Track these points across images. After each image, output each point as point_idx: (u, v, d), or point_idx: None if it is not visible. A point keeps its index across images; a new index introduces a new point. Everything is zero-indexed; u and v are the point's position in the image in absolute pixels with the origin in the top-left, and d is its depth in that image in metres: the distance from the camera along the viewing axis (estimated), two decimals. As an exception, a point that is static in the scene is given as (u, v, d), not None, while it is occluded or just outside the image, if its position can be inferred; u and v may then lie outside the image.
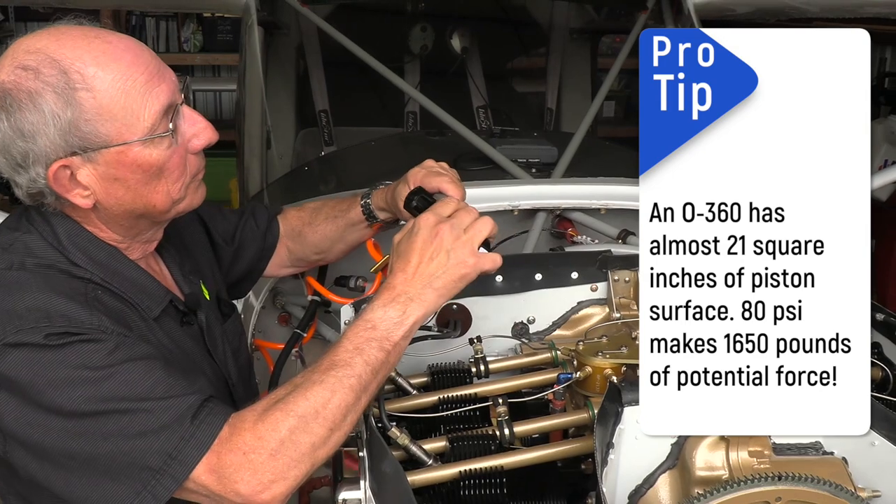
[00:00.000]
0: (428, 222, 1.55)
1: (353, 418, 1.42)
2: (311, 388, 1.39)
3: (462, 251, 1.52)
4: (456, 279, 1.52)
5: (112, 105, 1.42)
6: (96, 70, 1.42)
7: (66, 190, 1.46)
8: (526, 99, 4.97)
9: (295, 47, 4.04)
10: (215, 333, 1.71)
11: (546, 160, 2.82)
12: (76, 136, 1.42)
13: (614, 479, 1.39)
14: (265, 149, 3.49)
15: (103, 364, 1.35)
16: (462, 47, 4.10)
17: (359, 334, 1.46)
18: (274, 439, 1.34)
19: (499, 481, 1.47)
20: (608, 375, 1.62)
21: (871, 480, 1.39)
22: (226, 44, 6.71)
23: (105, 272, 1.51)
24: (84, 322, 1.38)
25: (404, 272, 1.51)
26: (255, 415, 1.37)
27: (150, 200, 1.52)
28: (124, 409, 1.34)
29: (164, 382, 1.38)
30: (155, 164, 1.48)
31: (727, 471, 1.35)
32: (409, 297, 1.49)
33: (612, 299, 1.93)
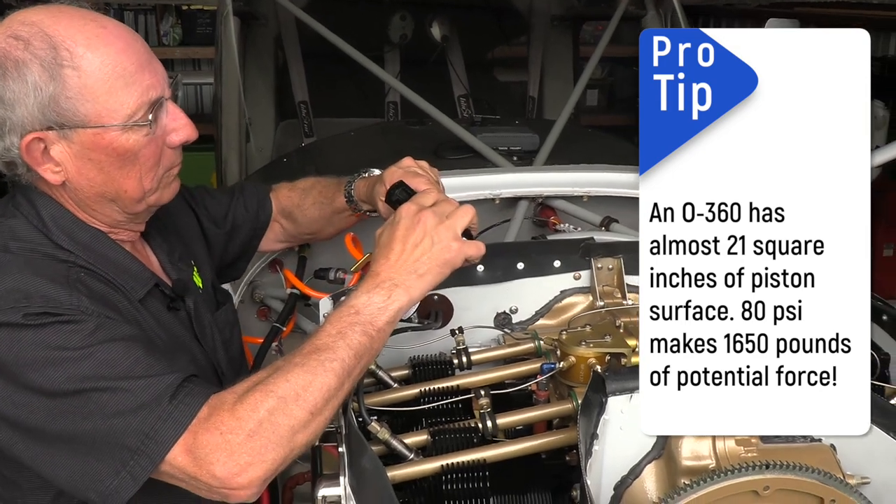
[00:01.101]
0: (410, 211, 1.54)
1: (334, 404, 1.39)
2: (292, 370, 1.37)
3: (445, 236, 1.51)
4: (440, 265, 1.51)
5: (96, 87, 1.43)
6: (86, 51, 1.43)
7: (37, 163, 1.47)
8: (508, 88, 4.95)
9: (273, 38, 4.01)
10: (204, 321, 1.70)
11: (528, 148, 2.81)
12: (54, 111, 1.43)
13: (599, 471, 1.36)
14: (243, 142, 3.45)
15: (82, 344, 1.35)
16: (442, 36, 4.08)
17: (342, 319, 1.44)
18: (252, 420, 1.31)
19: (482, 475, 1.45)
20: (592, 365, 1.59)
21: (860, 467, 1.36)
22: (205, 37, 6.66)
23: (89, 254, 1.51)
24: (63, 302, 1.37)
25: (387, 259, 1.50)
26: (234, 396, 1.35)
27: (121, 185, 1.52)
28: (103, 388, 1.33)
29: (143, 362, 1.36)
30: (130, 149, 1.48)
31: (714, 460, 1.33)
32: (393, 284, 1.47)
33: (595, 287, 1.90)
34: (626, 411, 1.35)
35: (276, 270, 2.42)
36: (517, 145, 2.82)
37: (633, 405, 1.35)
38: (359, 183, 1.97)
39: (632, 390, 1.35)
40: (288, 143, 3.93)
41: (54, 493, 1.46)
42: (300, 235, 2.16)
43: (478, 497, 1.44)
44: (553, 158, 2.71)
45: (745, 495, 1.24)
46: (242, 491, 1.32)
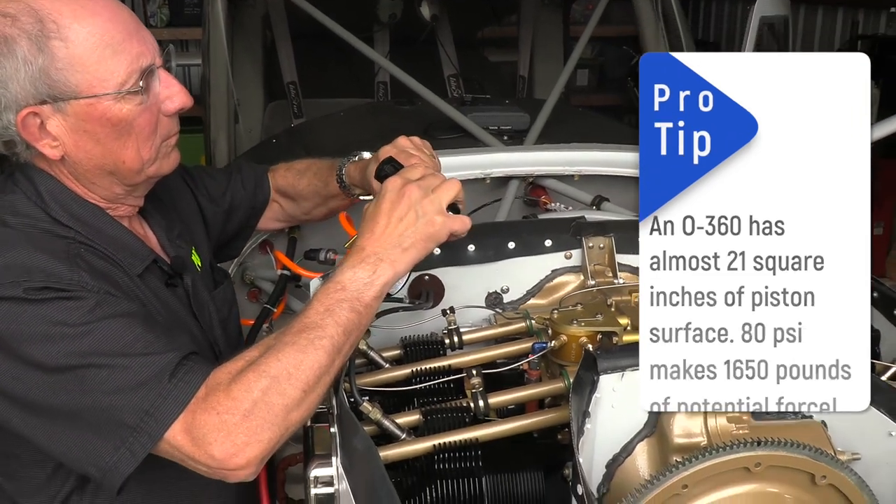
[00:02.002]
0: (395, 185, 1.52)
1: (326, 380, 1.39)
2: (283, 349, 1.37)
3: (430, 209, 1.49)
4: (425, 238, 1.49)
5: (84, 57, 1.44)
6: (72, 22, 1.43)
7: (35, 139, 1.47)
8: (498, 67, 4.93)
9: (261, 18, 3.98)
10: (202, 299, 1.70)
11: (518, 127, 2.80)
12: (45, 84, 1.43)
13: (591, 449, 1.36)
14: (232, 123, 3.43)
15: (82, 321, 1.35)
16: (432, 15, 4.04)
17: (329, 296, 1.43)
18: (247, 400, 1.32)
19: (474, 454, 1.45)
20: (583, 344, 1.59)
21: (851, 443, 1.37)
22: (193, 18, 6.61)
23: (88, 230, 1.51)
24: (63, 277, 1.37)
25: (372, 233, 1.49)
26: (228, 376, 1.35)
27: (119, 156, 1.52)
28: (102, 364, 1.33)
29: (143, 339, 1.36)
30: (124, 119, 1.48)
31: (705, 437, 1.33)
32: (378, 258, 1.46)
33: (586, 266, 1.90)
34: (617, 389, 1.35)
35: (266, 252, 2.41)
36: (507, 125, 2.81)
37: (624, 383, 1.35)
38: (349, 167, 1.96)
39: (623, 368, 1.35)
40: (277, 124, 3.90)
41: (53, 466, 1.47)
42: (296, 216, 2.15)
43: (470, 476, 1.44)
44: (543, 138, 2.70)
45: (736, 472, 1.25)
46: (241, 471, 1.32)
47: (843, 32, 6.64)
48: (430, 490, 1.43)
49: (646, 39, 3.38)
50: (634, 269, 1.94)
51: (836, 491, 1.28)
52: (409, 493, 1.43)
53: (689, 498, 1.25)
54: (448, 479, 1.43)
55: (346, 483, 1.36)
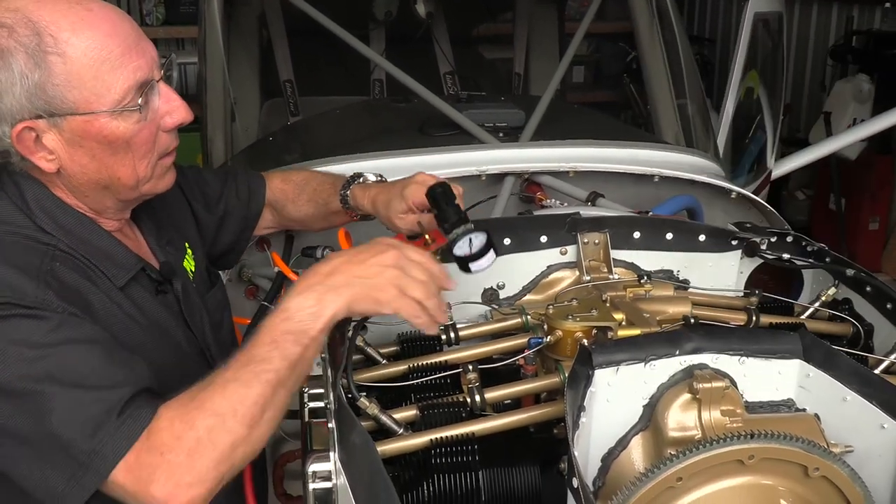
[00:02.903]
0: (388, 241, 1.49)
1: (272, 414, 1.36)
2: (227, 385, 1.33)
3: (391, 277, 1.42)
4: (370, 296, 1.41)
5: (82, 73, 1.41)
6: (70, 35, 1.40)
7: (30, 152, 1.45)
8: (494, 65, 4.94)
9: (257, 16, 3.99)
10: (193, 304, 1.68)
11: (514, 124, 2.80)
12: (42, 100, 1.40)
13: (587, 443, 1.37)
14: (229, 121, 3.44)
15: (42, 342, 1.32)
16: (427, 13, 4.06)
17: (276, 326, 1.38)
18: (191, 438, 1.29)
19: (470, 448, 1.45)
20: (579, 339, 1.60)
21: (844, 436, 1.38)
22: (189, 16, 6.60)
23: (72, 239, 1.50)
24: (28, 294, 1.35)
25: (329, 263, 1.44)
26: (172, 412, 1.32)
27: (115, 172, 1.51)
28: (56, 394, 1.30)
29: (98, 372, 1.34)
30: (121, 136, 1.47)
31: (700, 431, 1.34)
32: (326, 288, 1.39)
33: (581, 262, 1.91)
34: (612, 384, 1.36)
35: (263, 249, 2.42)
36: (503, 121, 2.82)
37: (619, 377, 1.36)
38: (355, 190, 1.95)
39: (618, 363, 1.36)
40: (273, 122, 3.91)
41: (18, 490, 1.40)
42: (289, 225, 2.15)
43: (466, 470, 1.44)
44: (539, 134, 2.71)
45: (730, 465, 1.25)
46: None
47: (837, 28, 6.65)
48: (427, 484, 1.43)
49: (640, 36, 3.39)
50: (629, 264, 1.96)
51: (829, 483, 1.28)
52: (407, 488, 1.44)
53: (683, 490, 1.26)
54: (445, 474, 1.44)
55: (344, 478, 1.37)
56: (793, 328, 1.80)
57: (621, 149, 2.69)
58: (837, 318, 1.89)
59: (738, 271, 2.03)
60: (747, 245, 2.00)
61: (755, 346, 1.39)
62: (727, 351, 1.38)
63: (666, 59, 3.28)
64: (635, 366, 1.36)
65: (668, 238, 1.97)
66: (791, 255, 2.00)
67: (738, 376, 1.39)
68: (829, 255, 1.96)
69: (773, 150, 3.10)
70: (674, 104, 3.25)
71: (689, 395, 1.35)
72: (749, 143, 3.17)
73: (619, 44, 7.31)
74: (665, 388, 1.37)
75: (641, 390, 1.38)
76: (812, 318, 1.92)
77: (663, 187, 2.55)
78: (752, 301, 1.89)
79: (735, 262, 2.02)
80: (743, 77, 2.95)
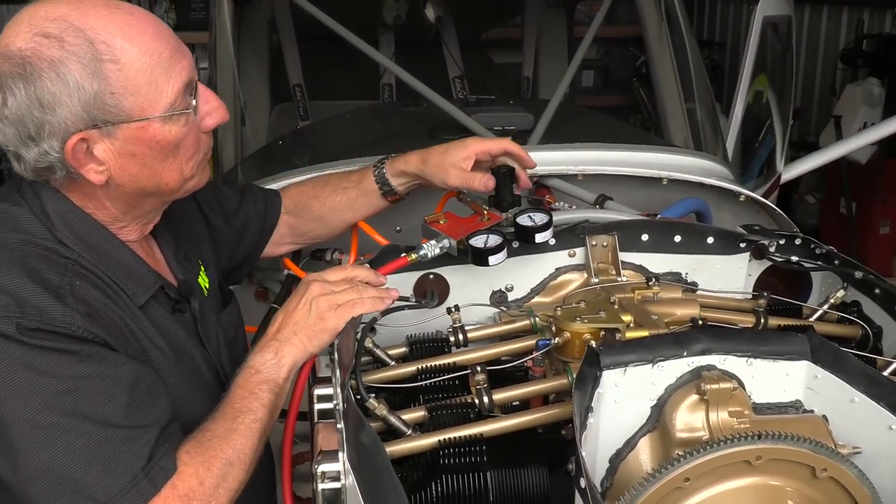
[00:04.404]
0: (306, 279, 1.69)
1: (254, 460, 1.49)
2: (230, 435, 1.45)
3: (322, 305, 1.61)
4: (317, 331, 1.60)
5: (137, 79, 1.39)
6: (123, 42, 1.38)
7: (80, 164, 1.42)
8: (503, 69, 4.95)
9: (267, 21, 4.00)
10: (209, 323, 1.68)
11: (522, 128, 2.81)
12: (99, 109, 1.38)
13: (594, 444, 1.38)
14: (239, 125, 3.45)
15: (69, 375, 1.32)
16: (436, 17, 4.07)
17: (249, 380, 1.53)
18: (210, 485, 1.39)
19: (479, 449, 1.46)
20: (587, 340, 1.60)
21: (852, 437, 1.38)
22: (199, 22, 6.61)
23: (92, 253, 1.47)
24: (56, 319, 1.33)
25: (276, 321, 1.63)
26: (190, 458, 1.40)
27: (162, 178, 1.50)
28: (81, 431, 1.31)
29: (126, 409, 1.35)
30: (172, 141, 1.46)
31: (707, 431, 1.34)
32: (279, 342, 1.58)
33: (589, 264, 1.92)
34: (620, 385, 1.37)
35: (272, 252, 2.42)
36: (512, 125, 2.82)
37: (627, 379, 1.37)
38: (393, 163, 2.00)
39: (626, 364, 1.36)
40: (283, 126, 3.92)
41: None
42: (309, 232, 2.12)
43: (475, 471, 1.45)
44: (548, 138, 2.71)
45: (738, 465, 1.25)
46: None
47: (848, 31, 6.64)
48: (435, 485, 1.44)
49: (649, 40, 3.39)
50: (638, 266, 1.96)
51: (836, 484, 1.29)
52: (415, 488, 1.45)
53: (691, 491, 1.26)
54: (453, 474, 1.45)
55: (352, 478, 1.37)
56: (801, 330, 1.80)
57: (630, 152, 2.69)
58: (846, 320, 1.89)
59: (747, 274, 2.03)
60: (756, 247, 2.00)
61: (763, 348, 1.39)
62: (735, 352, 1.38)
63: (675, 62, 3.28)
64: (643, 367, 1.37)
65: (677, 240, 1.97)
66: (799, 258, 2.00)
67: (746, 377, 1.39)
68: (837, 257, 1.96)
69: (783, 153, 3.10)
70: (683, 108, 3.25)
71: (696, 396, 1.35)
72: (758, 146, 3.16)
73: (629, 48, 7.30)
74: (673, 389, 1.38)
75: (649, 391, 1.38)
76: (821, 320, 1.92)
77: (672, 190, 2.55)
78: (760, 303, 1.89)
79: (743, 264, 2.02)
80: (752, 81, 2.94)
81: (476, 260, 1.77)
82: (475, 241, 1.78)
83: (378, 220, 2.11)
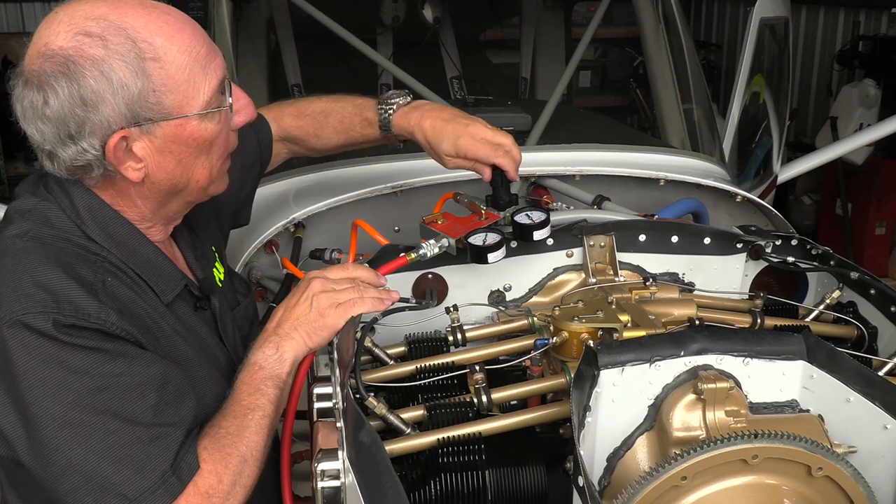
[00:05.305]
0: (308, 276, 1.67)
1: (265, 456, 1.50)
2: (242, 432, 1.46)
3: (323, 302, 1.60)
4: (317, 327, 1.60)
5: (177, 77, 1.41)
6: (163, 41, 1.40)
7: (119, 162, 1.43)
8: (500, 69, 4.95)
9: (265, 21, 4.00)
10: (226, 319, 1.70)
11: (520, 128, 2.82)
12: (141, 107, 1.39)
13: (592, 443, 1.39)
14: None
15: (101, 373, 1.33)
16: (434, 17, 4.07)
17: (253, 377, 1.53)
18: (228, 482, 1.42)
19: (477, 448, 1.47)
20: (585, 340, 1.61)
21: (847, 436, 1.39)
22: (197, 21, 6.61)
23: (122, 251, 1.48)
24: (91, 315, 1.34)
25: (275, 316, 1.63)
26: (209, 455, 1.42)
27: (193, 175, 1.51)
28: (111, 430, 1.33)
29: (156, 408, 1.37)
30: (209, 138, 1.48)
31: (704, 430, 1.35)
32: (279, 337, 1.58)
33: (587, 264, 1.92)
34: (618, 384, 1.38)
35: (272, 251, 2.43)
36: (510, 125, 2.81)
37: (625, 378, 1.38)
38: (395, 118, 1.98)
39: (623, 363, 1.37)
40: (281, 126, 3.92)
41: None
42: (304, 154, 2.16)
43: (473, 470, 1.46)
44: (545, 138, 2.72)
45: (734, 464, 1.27)
46: None
47: (844, 33, 6.66)
48: (434, 483, 1.45)
49: (646, 41, 3.41)
50: (635, 267, 1.97)
51: (832, 483, 1.30)
52: (414, 486, 1.46)
53: (687, 489, 1.27)
54: (452, 473, 1.46)
55: (352, 476, 1.38)
56: (797, 330, 1.81)
57: (627, 153, 2.71)
58: (842, 320, 1.90)
59: (743, 274, 2.04)
60: (752, 248, 2.01)
61: (759, 348, 1.41)
62: (732, 352, 1.39)
63: (672, 63, 3.29)
64: (640, 366, 1.38)
65: (674, 241, 1.98)
66: (796, 258, 2.01)
67: (743, 377, 1.40)
68: (833, 258, 1.97)
69: (779, 154, 3.11)
70: (680, 108, 3.27)
71: (693, 395, 1.36)
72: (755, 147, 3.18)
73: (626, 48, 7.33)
74: (670, 388, 1.39)
75: (646, 391, 1.39)
76: (817, 320, 1.93)
77: (669, 191, 2.56)
78: (756, 303, 1.90)
79: (740, 264, 2.03)
80: (749, 82, 2.96)
81: (475, 258, 1.78)
82: (474, 240, 1.79)
83: (377, 221, 2.12)
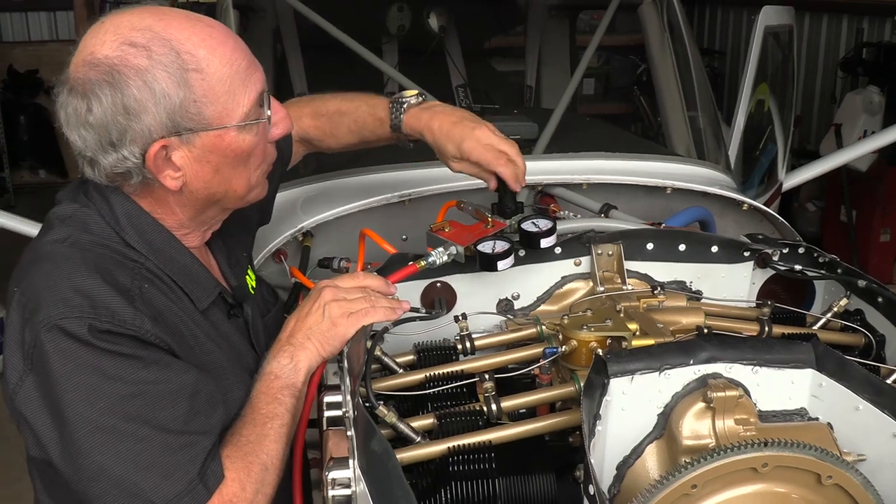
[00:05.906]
0: (319, 285, 1.69)
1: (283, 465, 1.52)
2: (263, 441, 1.48)
3: (335, 311, 1.62)
4: (329, 337, 1.61)
5: (218, 88, 1.43)
6: (206, 53, 1.42)
7: (158, 170, 1.45)
8: (506, 77, 4.96)
9: (271, 30, 4.01)
10: (258, 326, 1.71)
11: (527, 136, 2.83)
12: (182, 117, 1.42)
13: (602, 451, 1.39)
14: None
15: (134, 380, 1.35)
16: (440, 26, 4.08)
17: (270, 386, 1.55)
18: (251, 490, 1.43)
19: (487, 456, 1.47)
20: (594, 348, 1.62)
21: (857, 445, 1.39)
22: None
23: (159, 258, 1.51)
24: (127, 321, 1.36)
25: (288, 326, 1.64)
26: (232, 464, 1.43)
27: (231, 185, 1.53)
28: (142, 436, 1.34)
29: (185, 416, 1.39)
30: (246, 149, 1.50)
31: (714, 439, 1.35)
32: (293, 347, 1.60)
33: (595, 273, 1.93)
34: (627, 392, 1.38)
35: (280, 260, 2.44)
36: (516, 134, 2.82)
37: (634, 386, 1.38)
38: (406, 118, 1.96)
39: (633, 372, 1.38)
40: (287, 134, 3.93)
41: None
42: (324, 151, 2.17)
43: (483, 478, 1.46)
44: (552, 147, 2.73)
45: (744, 472, 1.27)
46: None
47: (848, 40, 6.67)
48: (444, 491, 1.45)
49: (651, 49, 3.42)
50: (643, 275, 1.98)
51: (842, 491, 1.30)
52: (425, 495, 1.46)
53: (697, 498, 1.27)
54: (462, 481, 1.46)
55: (363, 485, 1.39)
56: (805, 339, 1.81)
57: (634, 161, 2.71)
58: (849, 328, 1.90)
59: (751, 282, 2.05)
60: (759, 256, 2.02)
61: (768, 356, 1.41)
62: (741, 360, 1.40)
63: (677, 71, 3.30)
64: (650, 375, 1.38)
65: (681, 249, 1.99)
66: (803, 266, 2.02)
67: (752, 385, 1.41)
68: (840, 266, 1.98)
69: (784, 161, 3.12)
70: (685, 116, 3.27)
71: (703, 403, 1.37)
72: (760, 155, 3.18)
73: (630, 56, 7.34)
74: (679, 396, 1.39)
75: (656, 399, 1.40)
76: (824, 328, 1.93)
77: (675, 199, 2.57)
78: (764, 312, 1.90)
79: (747, 273, 2.03)
80: (753, 89, 2.96)
81: (485, 265, 1.79)
82: (483, 247, 1.80)
83: (384, 229, 2.13)
